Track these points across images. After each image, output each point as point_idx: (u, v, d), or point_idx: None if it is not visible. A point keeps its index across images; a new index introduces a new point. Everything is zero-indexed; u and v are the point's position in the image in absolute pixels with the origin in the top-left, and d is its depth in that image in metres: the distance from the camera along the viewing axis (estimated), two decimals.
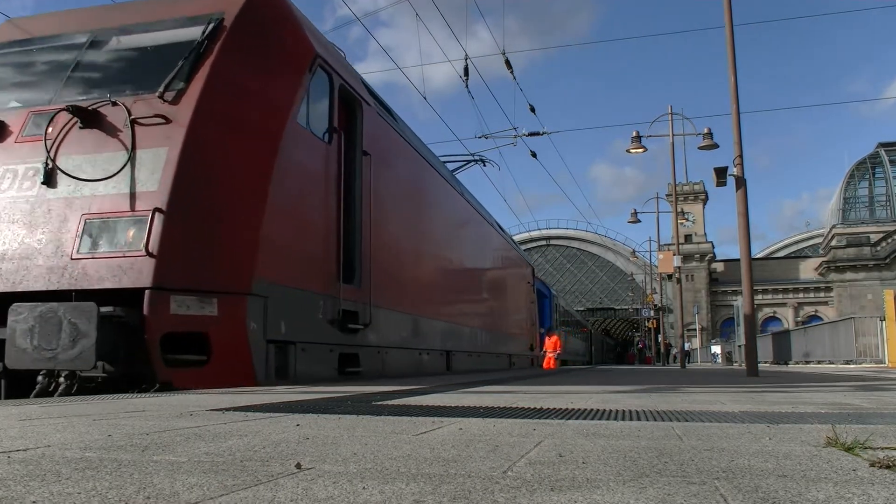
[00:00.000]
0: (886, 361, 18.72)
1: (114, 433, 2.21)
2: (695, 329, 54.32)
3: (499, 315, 16.36)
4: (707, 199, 67.51)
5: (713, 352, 43.90)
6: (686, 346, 30.11)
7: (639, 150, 22.70)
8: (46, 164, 5.58)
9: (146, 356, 5.08)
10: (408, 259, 9.85)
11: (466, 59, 15.76)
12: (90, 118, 5.73)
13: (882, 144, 61.82)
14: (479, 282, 14.76)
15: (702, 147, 21.75)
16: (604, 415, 3.05)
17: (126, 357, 5.10)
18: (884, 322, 19.38)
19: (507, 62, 16.93)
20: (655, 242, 37.82)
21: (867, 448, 1.87)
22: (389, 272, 8.82)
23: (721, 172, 10.82)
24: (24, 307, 4.78)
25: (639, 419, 2.86)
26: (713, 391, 5.41)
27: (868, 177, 61.52)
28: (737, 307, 31.75)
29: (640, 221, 41.96)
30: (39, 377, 4.98)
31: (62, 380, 4.99)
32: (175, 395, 4.23)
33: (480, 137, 19.35)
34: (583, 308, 67.00)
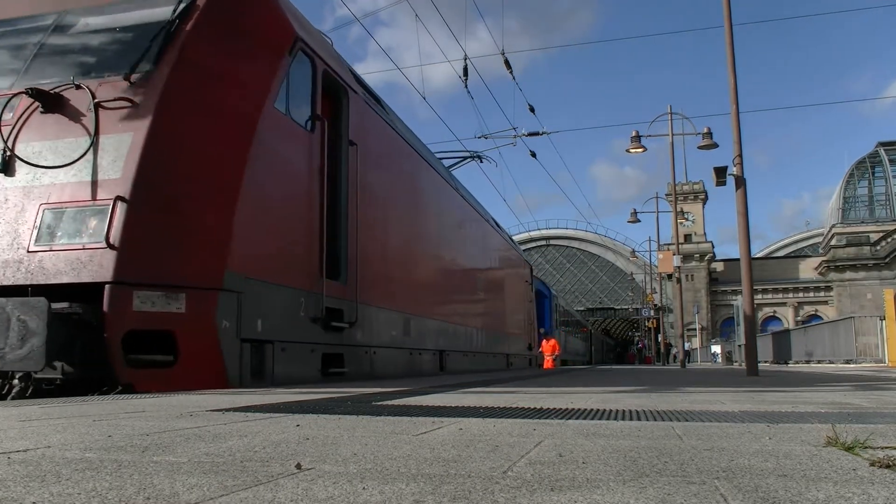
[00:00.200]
0: (886, 361, 18.73)
1: (114, 434, 2.21)
2: (695, 329, 54.32)
3: (495, 314, 16.07)
4: (707, 199, 67.53)
5: (713, 351, 43.90)
6: (686, 346, 30.12)
7: (638, 150, 22.71)
8: (4, 152, 5.26)
9: (106, 356, 4.75)
10: (399, 256, 9.46)
11: (466, 60, 15.76)
12: (52, 102, 5.39)
13: (882, 144, 61.79)
14: (475, 280, 14.41)
15: (701, 147, 21.75)
16: (604, 415, 3.05)
17: (84, 357, 4.78)
18: (884, 321, 19.39)
19: (507, 62, 16.94)
20: (655, 242, 37.85)
21: (867, 447, 1.87)
22: (378, 269, 8.46)
23: (721, 172, 10.83)
24: None
25: (639, 419, 2.86)
26: (713, 391, 5.40)
27: (868, 176, 61.50)
28: (737, 307, 31.75)
29: (640, 221, 42.03)
30: None
31: (16, 382, 4.71)
32: (175, 396, 4.23)
33: (480, 137, 19.38)
34: (583, 308, 67.00)
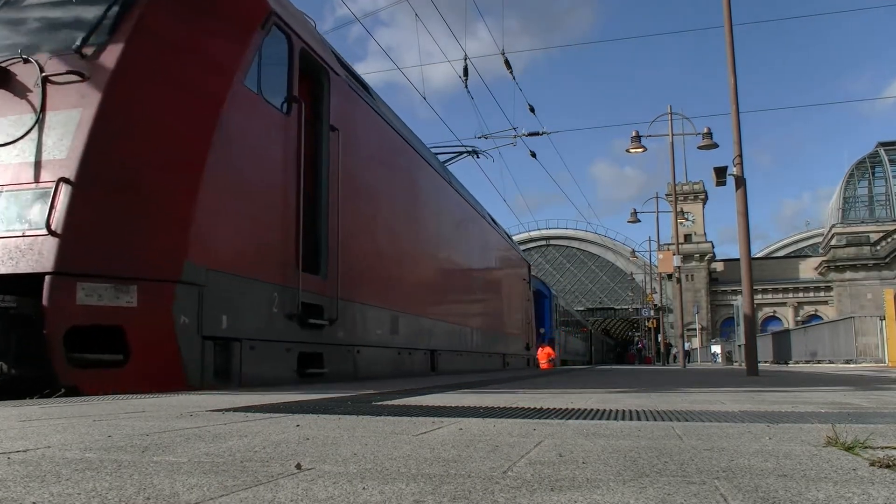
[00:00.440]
0: (886, 361, 18.73)
1: (114, 434, 2.21)
2: (695, 329, 54.33)
3: (491, 313, 15.66)
4: (707, 199, 67.53)
5: (713, 351, 43.91)
6: (686, 346, 30.13)
7: (638, 150, 22.72)
8: None
9: (46, 354, 4.37)
10: (386, 250, 9.01)
11: (466, 60, 15.77)
12: None
13: (882, 144, 61.79)
14: (470, 277, 13.92)
15: (701, 147, 21.76)
16: (604, 415, 3.05)
17: (20, 356, 4.36)
18: (884, 321, 19.39)
19: (507, 62, 16.95)
20: (655, 242, 37.86)
21: (867, 447, 1.87)
22: (363, 264, 8.04)
23: (721, 172, 10.84)
24: None
25: (639, 419, 2.86)
26: (713, 391, 5.41)
27: (868, 176, 61.50)
28: (737, 307, 31.76)
29: (640, 221, 42.06)
30: None
31: None
32: (175, 396, 4.22)
33: (480, 137, 19.37)
34: (583, 308, 66.99)
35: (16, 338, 4.38)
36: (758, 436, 2.24)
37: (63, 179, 4.61)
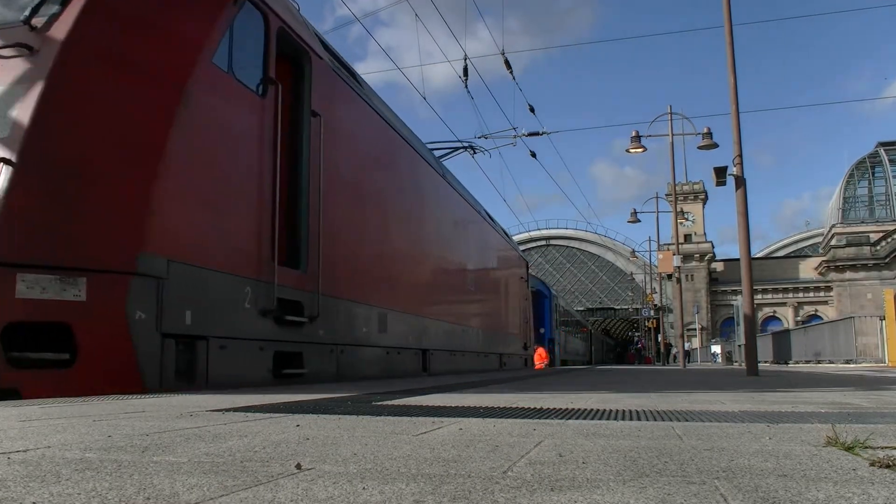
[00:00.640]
0: (886, 361, 18.74)
1: (114, 434, 2.21)
2: (695, 329, 54.34)
3: (488, 311, 15.25)
4: (707, 199, 67.57)
5: (713, 351, 43.94)
6: (686, 346, 30.14)
7: (638, 150, 22.73)
8: None
9: None
10: (374, 244, 8.56)
11: (466, 60, 15.78)
12: None
13: (882, 144, 61.81)
14: (465, 275, 13.39)
15: (701, 147, 21.77)
16: (604, 415, 3.05)
17: None
18: (884, 321, 19.41)
19: (507, 62, 16.97)
20: (655, 242, 37.86)
21: (867, 447, 1.87)
22: (348, 258, 7.61)
23: (721, 172, 10.84)
24: None
25: (639, 419, 2.86)
26: (713, 391, 5.41)
27: (868, 176, 61.52)
28: (737, 307, 31.78)
29: (640, 221, 42.09)
30: None
31: None
32: (175, 396, 4.22)
33: (480, 137, 19.35)
34: (583, 308, 67.02)
35: None
36: (758, 436, 2.24)
37: (3, 160, 4.24)
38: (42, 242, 4.33)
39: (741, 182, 10.52)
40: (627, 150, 22.97)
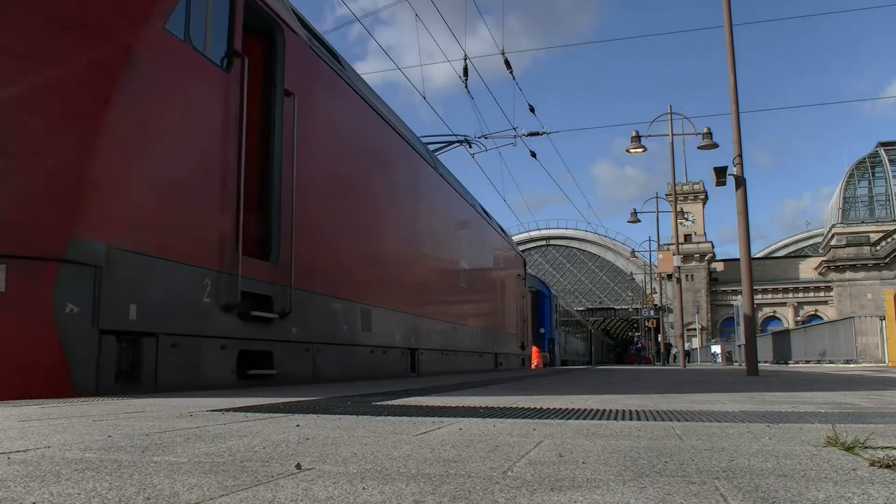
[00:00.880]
0: (886, 361, 18.75)
1: (114, 434, 2.21)
2: (695, 329, 54.37)
3: (482, 309, 14.72)
4: (707, 199, 67.60)
5: (713, 351, 43.97)
6: (686, 346, 30.15)
7: (638, 150, 22.74)
8: None
9: None
10: (356, 236, 8.03)
11: (466, 60, 15.79)
12: None
13: (882, 144, 61.82)
14: (458, 270, 12.79)
15: (701, 147, 21.78)
16: (604, 415, 3.06)
17: None
18: (884, 321, 19.43)
19: (507, 62, 16.98)
20: (655, 242, 37.87)
21: (867, 447, 1.87)
22: (327, 249, 7.12)
23: (721, 172, 10.85)
24: None
25: (639, 419, 2.86)
26: (713, 391, 5.41)
27: (868, 176, 61.53)
28: (737, 307, 31.79)
29: (640, 221, 42.12)
30: None
31: None
32: (175, 396, 4.22)
33: (480, 137, 19.34)
34: (583, 308, 67.03)
35: None
36: (758, 436, 2.24)
37: None
38: None
39: (741, 182, 10.52)
40: (627, 150, 22.98)
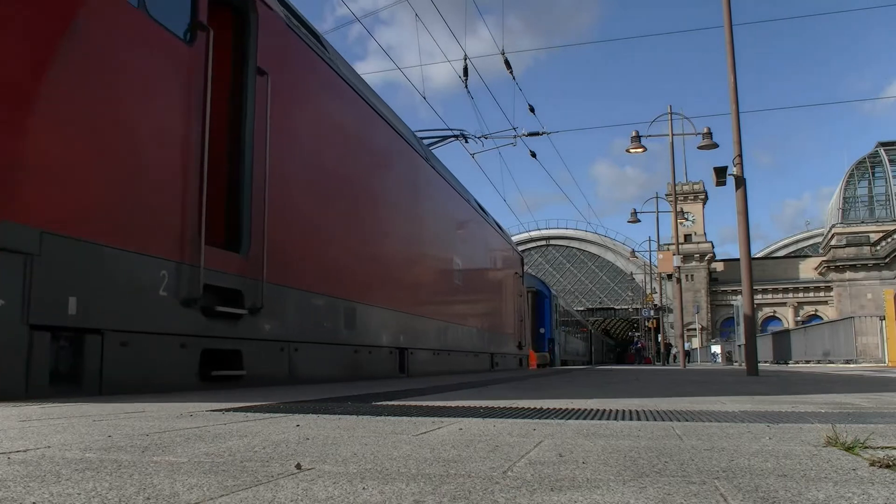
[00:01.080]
0: (886, 361, 18.75)
1: (114, 434, 2.21)
2: (695, 329, 54.39)
3: (477, 308, 14.29)
4: (707, 199, 67.61)
5: (713, 351, 43.98)
6: (686, 346, 30.16)
7: (638, 150, 22.74)
8: None
9: None
10: (339, 228, 7.55)
11: (466, 60, 15.79)
12: None
13: (882, 144, 61.82)
14: (452, 267, 12.31)
15: (701, 147, 21.78)
16: (604, 415, 3.06)
17: None
18: (884, 321, 19.44)
19: (507, 62, 16.98)
20: (655, 242, 37.88)
21: (867, 447, 1.87)
22: (305, 241, 6.69)
23: (721, 172, 10.85)
24: None
25: (639, 419, 2.86)
26: (713, 391, 5.41)
27: (868, 176, 61.53)
28: (737, 307, 31.80)
29: (640, 221, 42.12)
30: None
31: None
32: (175, 396, 4.22)
33: (480, 137, 19.35)
34: (583, 308, 67.02)
35: None
36: (758, 436, 2.24)
37: None
38: None
39: (741, 182, 10.52)
40: (627, 150, 22.99)
